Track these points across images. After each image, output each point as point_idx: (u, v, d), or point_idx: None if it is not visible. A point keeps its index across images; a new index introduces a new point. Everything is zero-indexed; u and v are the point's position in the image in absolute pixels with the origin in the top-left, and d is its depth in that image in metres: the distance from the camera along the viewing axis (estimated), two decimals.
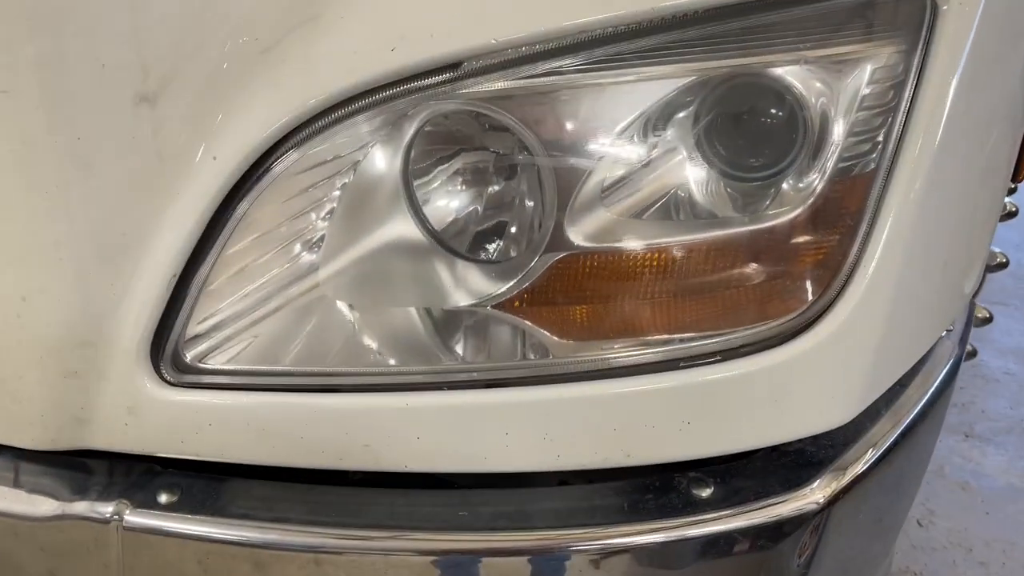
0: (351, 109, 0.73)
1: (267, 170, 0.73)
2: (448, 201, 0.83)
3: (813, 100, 0.75)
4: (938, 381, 0.96)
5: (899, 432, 0.88)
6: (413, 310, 0.84)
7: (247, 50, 0.69)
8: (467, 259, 0.82)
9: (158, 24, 0.67)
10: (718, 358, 0.77)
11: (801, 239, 0.77)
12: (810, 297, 0.77)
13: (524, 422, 0.74)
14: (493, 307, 0.81)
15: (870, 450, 0.86)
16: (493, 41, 0.70)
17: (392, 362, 0.84)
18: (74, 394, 0.75)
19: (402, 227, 0.80)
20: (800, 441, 0.83)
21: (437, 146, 0.82)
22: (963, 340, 1.06)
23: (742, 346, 0.76)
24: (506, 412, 0.74)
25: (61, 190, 0.68)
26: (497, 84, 0.74)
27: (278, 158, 0.73)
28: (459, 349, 0.85)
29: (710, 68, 0.74)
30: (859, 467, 0.84)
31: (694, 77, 0.75)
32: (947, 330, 1.02)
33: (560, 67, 0.73)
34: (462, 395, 0.76)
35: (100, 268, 0.71)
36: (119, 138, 0.68)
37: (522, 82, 0.74)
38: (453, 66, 0.72)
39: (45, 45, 0.63)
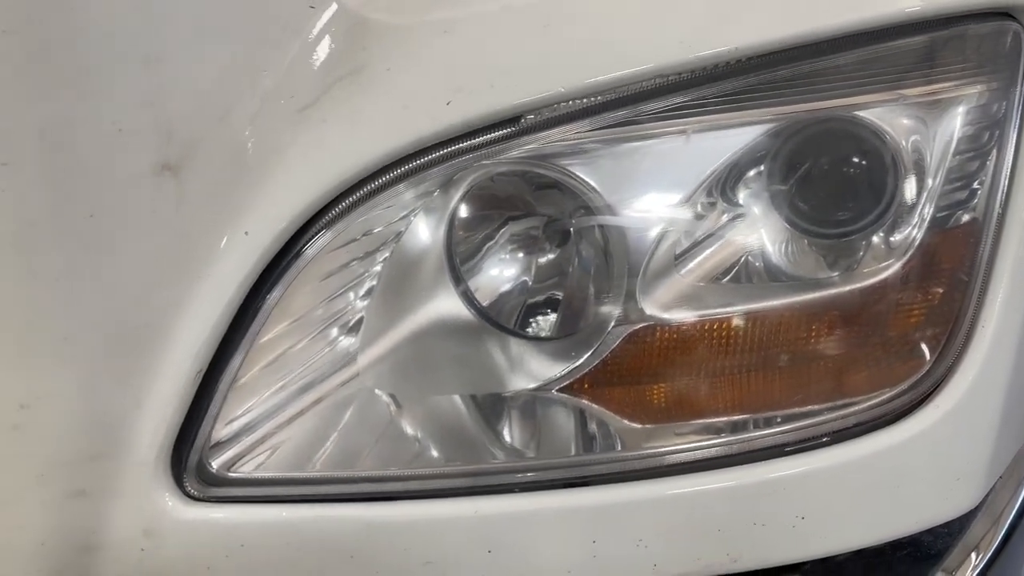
0: (400, 172, 0.64)
1: (307, 244, 0.63)
2: (499, 271, 0.75)
3: (906, 144, 0.68)
4: None
5: (1021, 498, 0.78)
6: (458, 398, 0.75)
7: (282, 109, 0.61)
8: (523, 337, 0.73)
9: (180, 81, 0.58)
10: (826, 440, 0.67)
11: (905, 296, 0.69)
12: (927, 361, 0.68)
13: (614, 527, 0.64)
14: (558, 390, 0.72)
15: (992, 527, 0.76)
16: (561, 89, 0.62)
17: (436, 456, 0.74)
18: (81, 517, 0.63)
19: (447, 304, 0.71)
20: None
21: (482, 212, 0.74)
22: None
23: (855, 425, 0.67)
24: (593, 516, 0.63)
25: (69, 277, 0.58)
26: (562, 139, 0.66)
27: (319, 231, 0.63)
28: (507, 438, 0.75)
29: (797, 111, 0.67)
30: (986, 552, 0.74)
31: (778, 122, 0.68)
32: None
33: (634, 116, 0.65)
34: (540, 498, 0.65)
35: (114, 367, 0.60)
36: (137, 214, 0.58)
37: (589, 136, 0.67)
38: (513, 120, 0.64)
39: (49, 110, 0.54)
